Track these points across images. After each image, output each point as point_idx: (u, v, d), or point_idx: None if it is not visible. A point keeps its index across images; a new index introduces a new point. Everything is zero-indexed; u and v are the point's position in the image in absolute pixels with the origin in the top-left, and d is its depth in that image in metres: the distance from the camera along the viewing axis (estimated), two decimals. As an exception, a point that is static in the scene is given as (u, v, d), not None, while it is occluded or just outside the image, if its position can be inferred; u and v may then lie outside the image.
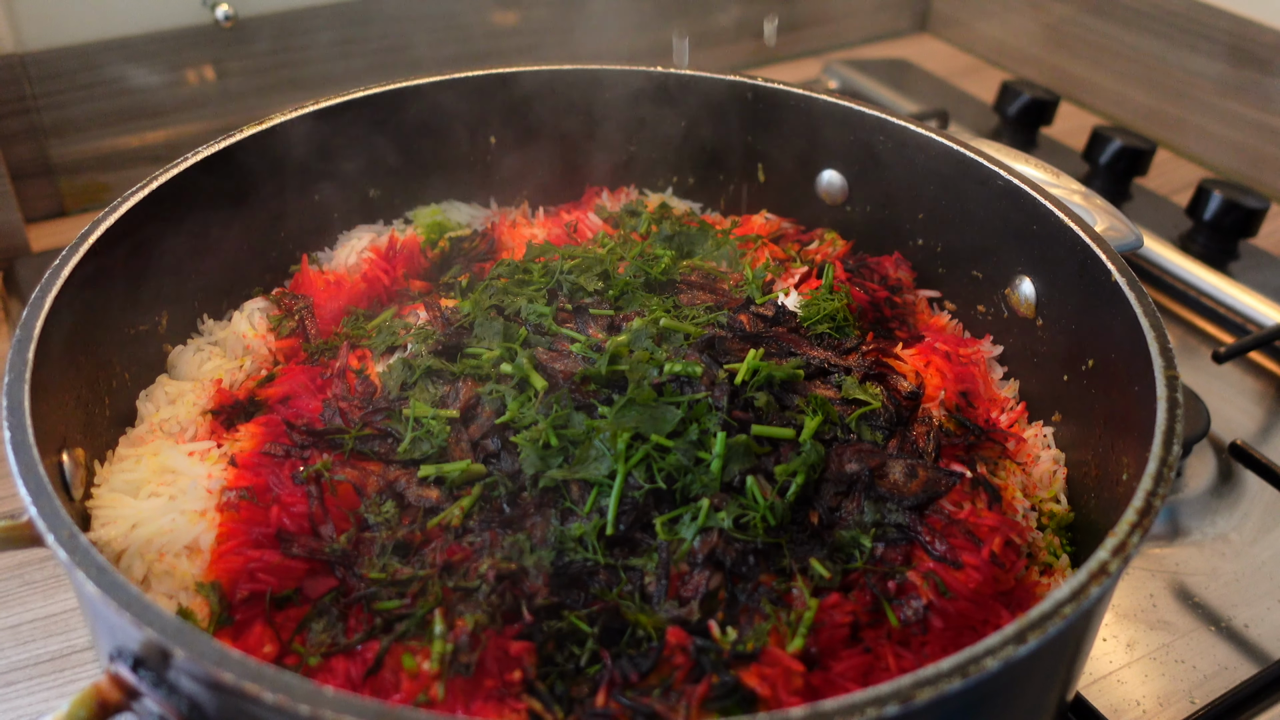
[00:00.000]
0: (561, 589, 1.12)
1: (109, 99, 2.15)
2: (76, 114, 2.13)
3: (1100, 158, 2.36)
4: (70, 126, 2.13)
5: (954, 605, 1.11)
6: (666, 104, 1.74)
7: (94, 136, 2.17)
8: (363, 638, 1.07)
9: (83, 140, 2.16)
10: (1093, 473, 1.31)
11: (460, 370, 1.33)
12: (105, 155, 2.20)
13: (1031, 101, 2.52)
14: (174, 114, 2.24)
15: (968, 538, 1.18)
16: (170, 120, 2.24)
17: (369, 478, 1.22)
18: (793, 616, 1.09)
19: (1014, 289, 1.50)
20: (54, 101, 2.09)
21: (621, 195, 1.81)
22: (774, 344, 1.39)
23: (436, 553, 1.14)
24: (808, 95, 1.65)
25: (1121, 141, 2.34)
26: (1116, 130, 2.37)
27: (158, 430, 1.31)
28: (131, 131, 2.21)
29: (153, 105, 2.21)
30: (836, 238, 1.70)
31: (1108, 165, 2.35)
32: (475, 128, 1.73)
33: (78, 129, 2.14)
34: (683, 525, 1.15)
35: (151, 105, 2.21)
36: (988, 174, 1.47)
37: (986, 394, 1.45)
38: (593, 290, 1.46)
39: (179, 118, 2.25)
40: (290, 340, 1.47)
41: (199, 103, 2.26)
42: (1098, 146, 2.37)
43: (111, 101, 2.15)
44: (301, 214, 1.62)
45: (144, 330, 1.40)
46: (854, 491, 1.22)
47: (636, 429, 1.19)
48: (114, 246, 1.29)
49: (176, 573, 1.13)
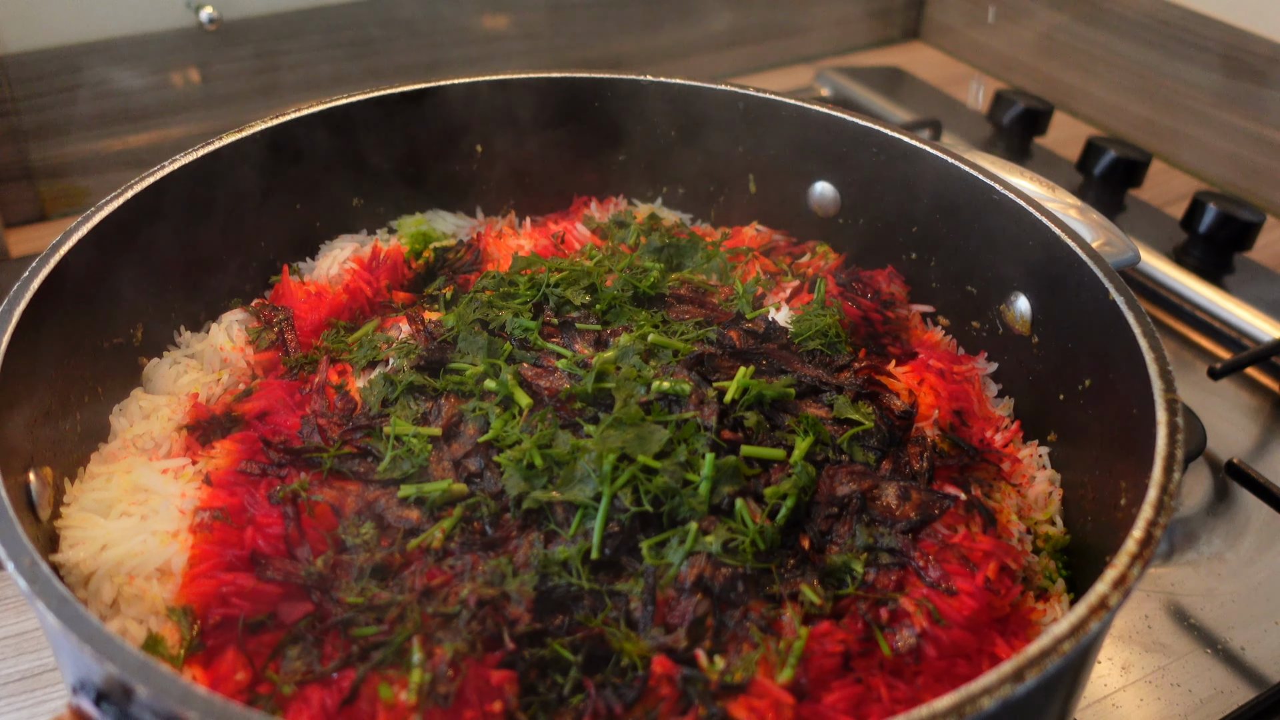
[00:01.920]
0: (544, 615, 1.09)
1: (91, 102, 2.11)
2: (57, 117, 2.09)
3: (1095, 168, 2.34)
4: (51, 129, 2.10)
5: (948, 633, 1.08)
6: (656, 113, 1.71)
7: (75, 140, 2.13)
8: (338, 665, 1.04)
9: (64, 144, 2.12)
10: (1089, 495, 1.28)
11: (443, 386, 1.30)
12: (86, 159, 2.16)
13: (1025, 111, 2.50)
14: (157, 118, 2.21)
15: (962, 563, 1.15)
16: (153, 124, 2.21)
17: (347, 498, 1.19)
18: (782, 645, 1.05)
19: (1009, 305, 1.47)
20: (34, 104, 2.05)
21: (610, 205, 1.78)
22: (764, 361, 1.36)
23: (416, 576, 1.11)
24: (800, 105, 1.62)
25: (1116, 152, 2.32)
26: (1111, 141, 2.35)
27: (131, 446, 1.28)
28: (114, 135, 2.18)
29: (135, 109, 2.17)
30: (828, 250, 1.68)
31: (1102, 176, 2.33)
32: (461, 135, 1.70)
33: (58, 132, 2.11)
34: (670, 549, 1.12)
35: (134, 109, 2.17)
36: (982, 188, 1.44)
37: (981, 413, 1.42)
38: (580, 304, 1.43)
39: (162, 122, 2.22)
40: (269, 353, 1.43)
41: (182, 106, 2.22)
42: (1092, 157, 2.35)
43: (93, 105, 2.12)
44: (283, 223, 1.59)
45: (118, 343, 1.36)
46: (846, 515, 1.19)
47: (623, 449, 1.16)
48: (87, 256, 1.26)
49: (146, 596, 1.10)
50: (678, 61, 2.81)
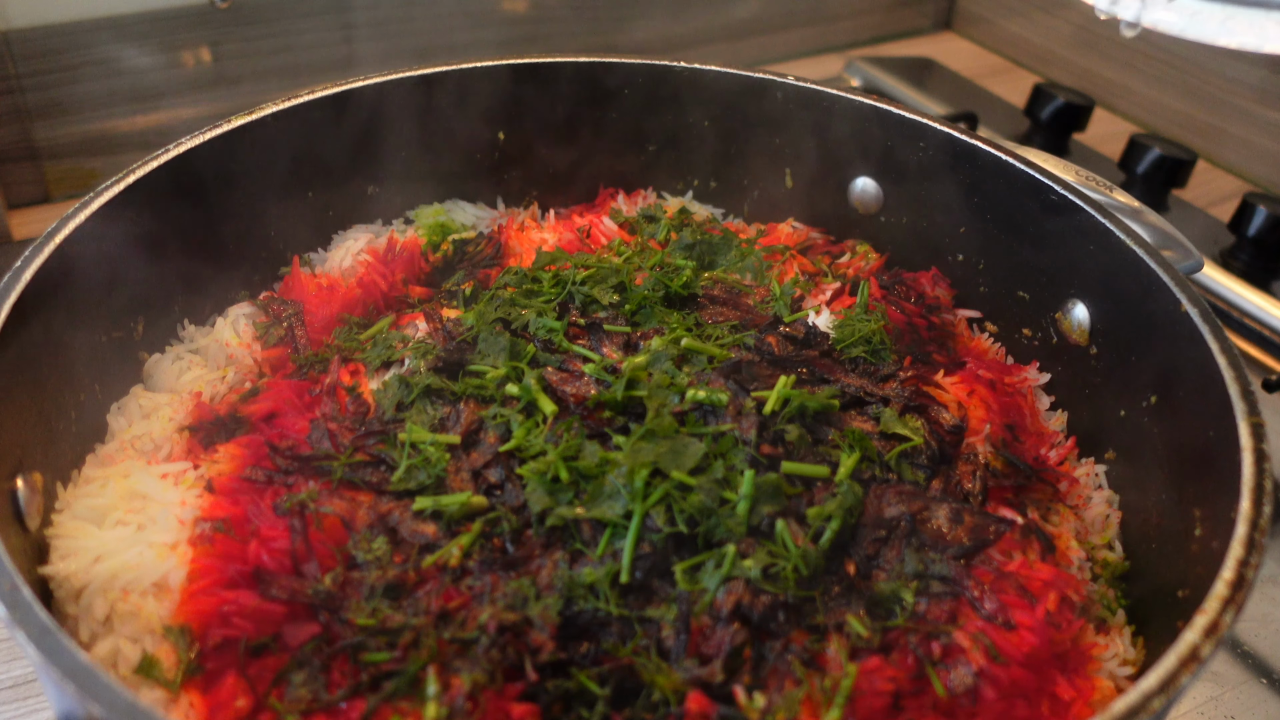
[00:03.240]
0: (569, 643, 1.01)
1: (98, 80, 2.04)
2: (63, 95, 2.02)
3: (1137, 167, 2.25)
4: (56, 109, 2.02)
5: (1006, 672, 1.00)
6: (688, 101, 1.63)
7: (81, 120, 2.06)
8: (347, 694, 0.96)
9: (69, 123, 2.05)
10: (1153, 520, 1.20)
11: (462, 390, 1.22)
12: (93, 140, 2.09)
13: (1065, 106, 2.41)
14: (166, 98, 2.13)
15: (1020, 593, 1.07)
16: (162, 104, 2.13)
17: (358, 510, 1.11)
18: (828, 683, 0.97)
19: (1065, 313, 1.38)
20: (39, 82, 1.98)
21: (638, 198, 1.70)
22: (805, 369, 1.27)
23: (431, 597, 1.03)
24: (842, 96, 1.53)
25: (1161, 150, 2.22)
26: (1155, 139, 2.26)
27: (129, 448, 1.20)
28: (121, 115, 2.10)
29: (144, 88, 2.10)
30: (869, 250, 1.59)
31: (1145, 175, 2.24)
32: (483, 122, 1.61)
33: (64, 111, 2.03)
34: (705, 573, 1.04)
35: (142, 88, 2.10)
36: (1039, 187, 1.36)
37: (1033, 427, 1.33)
38: (607, 304, 1.35)
39: (171, 102, 2.14)
40: (277, 350, 1.35)
41: (193, 86, 2.14)
42: (1135, 155, 2.25)
43: (100, 83, 2.04)
44: (294, 211, 1.51)
45: (118, 337, 1.29)
46: (894, 538, 1.10)
47: (655, 464, 1.08)
48: (87, 242, 1.18)
49: (142, 614, 1.02)
50: (701, 49, 2.72)
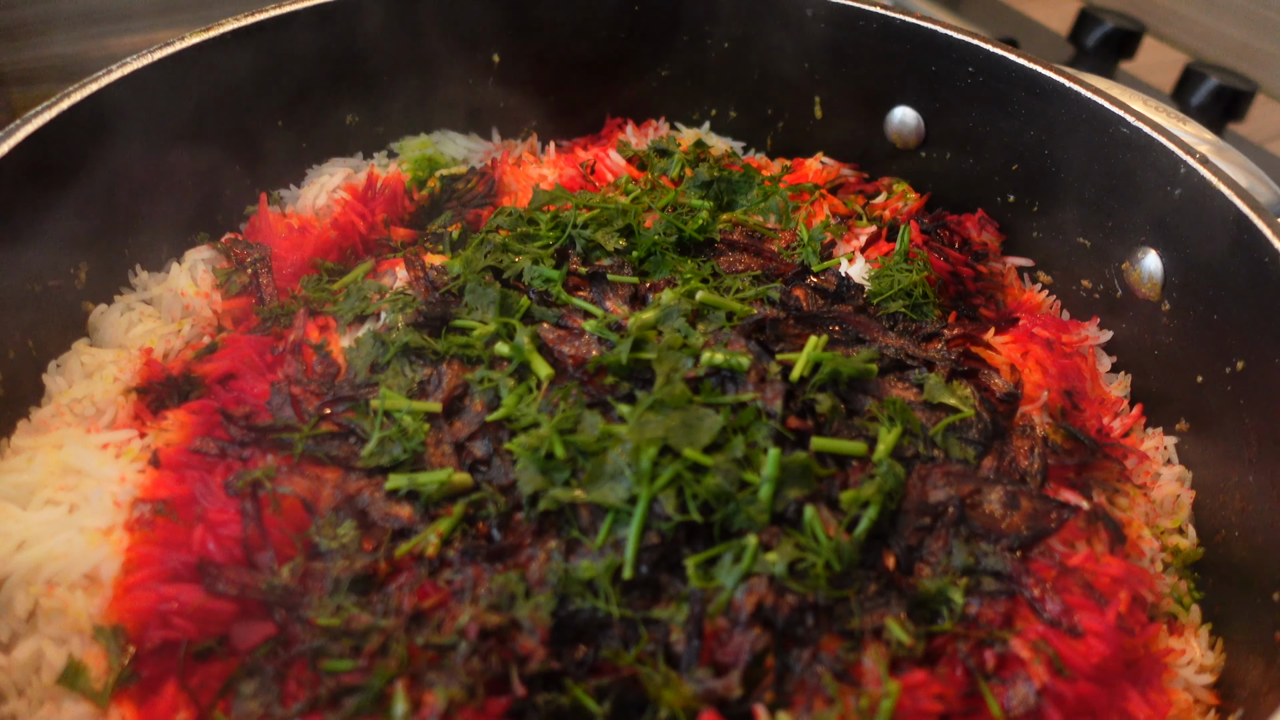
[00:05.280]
0: (563, 649, 0.88)
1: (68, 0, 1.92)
2: (30, 15, 1.91)
3: (1193, 99, 2.07)
4: (23, 30, 1.92)
5: (1073, 687, 0.86)
6: (705, 18, 1.48)
7: (51, 43, 1.95)
8: (303, 709, 0.85)
9: (38, 46, 1.94)
10: (1235, 504, 1.05)
11: (445, 350, 1.07)
12: (64, 64, 1.97)
13: (1114, 31, 2.25)
14: (143, 18, 2.01)
15: (1087, 593, 0.92)
16: (138, 25, 2.01)
17: (323, 489, 0.98)
18: (865, 702, 0.83)
19: (1134, 263, 1.22)
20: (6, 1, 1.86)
21: (649, 129, 1.57)
22: (838, 327, 1.12)
23: (404, 593, 0.91)
24: (882, 14, 1.37)
25: (1218, 80, 2.05)
26: (1212, 67, 2.08)
27: (66, 413, 1.07)
28: (92, 38, 1.98)
29: (118, 8, 1.98)
30: (908, 189, 1.44)
31: (1201, 108, 2.07)
32: (476, 41, 1.47)
33: (32, 33, 1.92)
34: (722, 568, 0.90)
35: (117, 8, 1.98)
36: (1108, 118, 1.19)
37: (1094, 394, 1.18)
38: (613, 250, 1.20)
39: (149, 23, 2.02)
40: (240, 300, 1.22)
41: (171, 6, 2.02)
42: (1190, 85, 2.10)
43: (72, 2, 1.93)
44: (261, 142, 1.38)
45: (55, 285, 1.16)
46: (940, 527, 0.96)
47: (665, 440, 0.94)
48: (14, 178, 1.06)
49: (69, 611, 0.91)
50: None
